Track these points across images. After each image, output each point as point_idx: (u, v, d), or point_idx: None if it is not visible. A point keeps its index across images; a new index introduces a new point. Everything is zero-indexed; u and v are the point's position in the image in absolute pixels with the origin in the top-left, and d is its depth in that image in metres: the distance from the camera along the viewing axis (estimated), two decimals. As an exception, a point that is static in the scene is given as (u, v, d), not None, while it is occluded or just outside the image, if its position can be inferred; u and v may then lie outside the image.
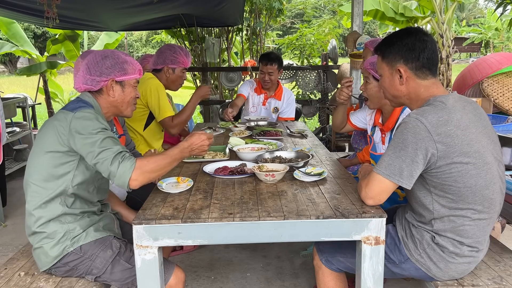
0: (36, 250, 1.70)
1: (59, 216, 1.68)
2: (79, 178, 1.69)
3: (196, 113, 8.97)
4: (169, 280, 1.67)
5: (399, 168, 1.48)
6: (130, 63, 1.82)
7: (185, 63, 2.88)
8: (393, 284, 2.53)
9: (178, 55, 2.84)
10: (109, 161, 1.57)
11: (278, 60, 3.54)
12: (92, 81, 1.75)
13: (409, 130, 1.47)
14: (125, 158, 1.59)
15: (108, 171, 1.58)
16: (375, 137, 2.34)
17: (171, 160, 1.72)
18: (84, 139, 1.59)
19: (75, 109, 1.65)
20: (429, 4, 6.19)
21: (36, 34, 23.27)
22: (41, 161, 1.66)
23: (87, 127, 1.60)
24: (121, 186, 1.60)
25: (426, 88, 1.60)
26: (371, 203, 1.57)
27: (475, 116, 1.55)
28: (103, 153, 1.57)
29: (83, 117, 1.63)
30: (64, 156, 1.65)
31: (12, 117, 5.20)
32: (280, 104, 3.76)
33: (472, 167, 1.47)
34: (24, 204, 1.73)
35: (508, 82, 4.81)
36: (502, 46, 19.91)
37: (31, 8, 4.21)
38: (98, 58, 1.76)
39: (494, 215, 1.58)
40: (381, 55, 1.69)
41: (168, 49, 2.86)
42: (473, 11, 32.82)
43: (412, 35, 1.60)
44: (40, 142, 1.69)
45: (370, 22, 23.86)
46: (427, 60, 1.58)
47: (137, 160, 1.61)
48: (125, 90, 1.82)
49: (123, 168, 1.56)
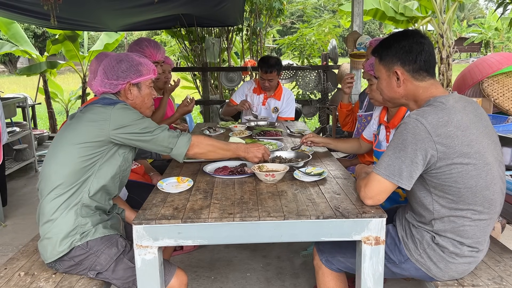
0: (44, 241, 1.71)
1: (77, 205, 1.70)
2: (106, 167, 1.75)
3: (196, 113, 8.98)
4: (170, 281, 1.67)
5: (398, 168, 1.48)
6: (145, 65, 1.87)
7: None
8: (393, 284, 2.53)
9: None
10: (165, 134, 1.78)
11: (277, 66, 3.55)
12: (110, 85, 1.82)
13: (409, 131, 1.47)
14: (182, 134, 1.85)
15: (167, 143, 1.79)
16: (380, 135, 2.34)
17: (226, 148, 1.99)
18: (132, 125, 1.72)
19: (113, 103, 1.74)
20: (430, 4, 6.18)
21: (36, 34, 23.26)
22: (71, 153, 1.70)
23: (130, 115, 1.74)
24: (178, 155, 1.83)
25: (424, 89, 1.60)
26: (370, 203, 1.57)
27: (475, 117, 1.55)
28: (157, 130, 1.77)
29: (123, 108, 1.74)
30: (96, 147, 1.71)
31: (12, 117, 5.20)
32: (280, 104, 3.77)
33: (472, 168, 1.47)
34: (24, 203, 1.74)
35: (508, 82, 4.81)
36: (502, 46, 19.91)
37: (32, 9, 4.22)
38: (114, 62, 1.82)
39: (495, 216, 1.58)
40: (378, 57, 1.69)
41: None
42: (473, 11, 32.82)
43: (409, 38, 1.60)
44: (70, 135, 1.73)
45: (370, 22, 23.88)
46: (424, 63, 1.59)
47: (194, 135, 1.90)
48: (142, 91, 1.88)
49: (182, 140, 1.82)
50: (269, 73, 3.54)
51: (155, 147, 1.79)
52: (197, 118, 8.79)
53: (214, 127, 3.34)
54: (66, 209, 1.69)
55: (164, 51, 2.86)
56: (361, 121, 2.88)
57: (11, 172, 4.61)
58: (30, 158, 5.09)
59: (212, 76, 7.08)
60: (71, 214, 1.70)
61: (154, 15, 5.35)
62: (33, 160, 5.17)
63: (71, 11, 4.46)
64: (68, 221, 1.69)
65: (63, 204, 1.69)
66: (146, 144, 1.78)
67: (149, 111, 1.96)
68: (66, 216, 1.69)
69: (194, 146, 1.85)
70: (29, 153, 5.10)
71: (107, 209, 1.84)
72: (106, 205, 1.83)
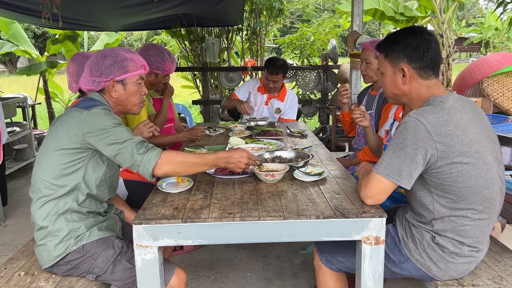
0: (39, 247, 1.70)
1: (65, 212, 1.68)
2: (90, 175, 1.70)
3: (196, 113, 8.98)
4: (170, 280, 1.67)
5: (398, 168, 1.48)
6: (131, 60, 1.77)
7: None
8: (393, 284, 2.53)
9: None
10: (131, 149, 1.60)
11: (284, 68, 3.54)
12: (93, 82, 1.75)
13: (409, 130, 1.47)
14: (150, 148, 1.63)
15: (132, 160, 1.61)
16: (392, 131, 2.33)
17: (202, 162, 1.72)
18: (102, 133, 1.61)
19: (89, 107, 1.66)
20: (429, 4, 6.18)
21: (36, 34, 23.26)
22: (52, 159, 1.66)
23: (103, 122, 1.62)
24: (145, 174, 1.62)
25: (427, 88, 1.60)
26: (370, 202, 1.57)
27: (474, 116, 1.55)
28: (125, 143, 1.61)
29: (97, 113, 1.64)
30: (75, 154, 1.66)
31: (12, 117, 5.20)
32: (283, 106, 3.77)
33: (472, 167, 1.47)
34: (24, 203, 1.74)
35: (508, 82, 4.81)
36: (502, 46, 19.90)
37: (32, 9, 4.22)
38: (99, 58, 1.74)
39: (494, 215, 1.58)
40: (384, 53, 1.68)
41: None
42: (473, 11, 32.80)
43: (417, 35, 1.60)
44: (51, 139, 1.70)
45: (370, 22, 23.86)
46: (430, 60, 1.58)
47: (165, 151, 1.66)
48: (127, 88, 1.78)
49: (148, 156, 1.60)
50: (275, 75, 3.53)
51: (122, 162, 1.63)
52: (197, 118, 8.80)
53: (214, 127, 3.33)
54: (55, 216, 1.67)
55: (176, 63, 2.90)
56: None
57: (11, 172, 4.61)
58: (30, 158, 5.09)
59: (212, 76, 7.08)
60: (61, 220, 1.67)
61: (154, 15, 5.35)
62: (33, 160, 5.17)
63: (71, 10, 4.46)
64: (60, 228, 1.67)
65: (51, 212, 1.67)
66: (115, 158, 1.63)
67: (137, 108, 1.85)
68: (56, 223, 1.67)
69: (162, 165, 1.61)
70: (29, 153, 5.10)
71: (101, 212, 1.81)
72: (99, 208, 1.79)
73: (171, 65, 2.80)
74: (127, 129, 1.67)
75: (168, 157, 1.64)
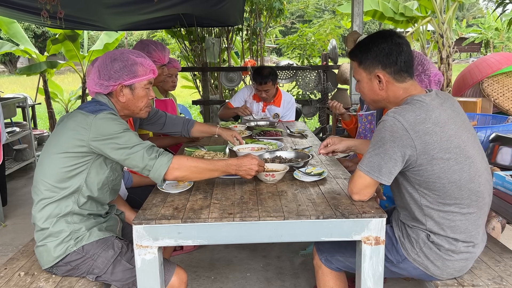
0: (39, 247, 1.70)
1: (66, 215, 1.68)
2: (92, 178, 1.69)
3: (196, 113, 8.98)
4: (170, 280, 1.67)
5: (378, 165, 1.51)
6: (141, 64, 1.74)
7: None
8: (393, 284, 2.53)
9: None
10: (142, 154, 1.61)
11: (272, 75, 3.50)
12: (101, 85, 1.72)
13: (387, 129, 1.49)
14: (161, 153, 1.65)
15: (143, 164, 1.61)
16: None
17: (212, 168, 1.72)
18: (110, 139, 1.60)
19: (96, 111, 1.64)
20: (430, 4, 6.17)
21: (36, 34, 23.25)
22: (55, 161, 1.65)
23: (111, 127, 1.61)
24: (156, 179, 1.64)
25: (404, 90, 1.62)
26: (356, 198, 1.61)
27: (453, 112, 1.57)
28: (134, 148, 1.61)
29: (105, 118, 1.62)
30: (78, 157, 1.64)
31: (12, 117, 5.20)
32: (280, 110, 3.75)
33: (454, 163, 1.49)
34: (24, 203, 1.74)
35: (508, 82, 4.81)
36: (502, 46, 19.90)
37: (32, 6, 4.21)
38: (108, 60, 1.71)
39: (485, 207, 1.59)
40: (357, 61, 1.68)
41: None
42: (473, 11, 32.80)
43: (388, 40, 1.60)
44: (54, 141, 1.69)
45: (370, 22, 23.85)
46: (404, 63, 1.59)
47: (176, 156, 1.67)
48: (135, 93, 1.76)
49: (160, 162, 1.62)
50: (264, 84, 3.49)
51: (132, 166, 1.64)
52: (197, 118, 8.79)
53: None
54: (55, 218, 1.67)
55: (169, 51, 2.79)
56: (362, 121, 2.88)
57: (11, 172, 4.61)
58: (30, 158, 5.10)
59: (212, 76, 7.08)
60: (61, 223, 1.67)
61: (154, 14, 5.34)
62: (33, 160, 5.17)
63: (71, 8, 4.45)
64: (60, 229, 1.67)
65: (52, 214, 1.67)
66: (124, 163, 1.64)
67: (143, 113, 1.84)
68: (57, 225, 1.67)
69: (173, 170, 1.63)
70: (29, 153, 5.10)
71: (102, 214, 1.81)
72: (100, 210, 1.79)
73: (161, 53, 2.64)
74: (135, 133, 1.67)
75: (179, 162, 1.65)
